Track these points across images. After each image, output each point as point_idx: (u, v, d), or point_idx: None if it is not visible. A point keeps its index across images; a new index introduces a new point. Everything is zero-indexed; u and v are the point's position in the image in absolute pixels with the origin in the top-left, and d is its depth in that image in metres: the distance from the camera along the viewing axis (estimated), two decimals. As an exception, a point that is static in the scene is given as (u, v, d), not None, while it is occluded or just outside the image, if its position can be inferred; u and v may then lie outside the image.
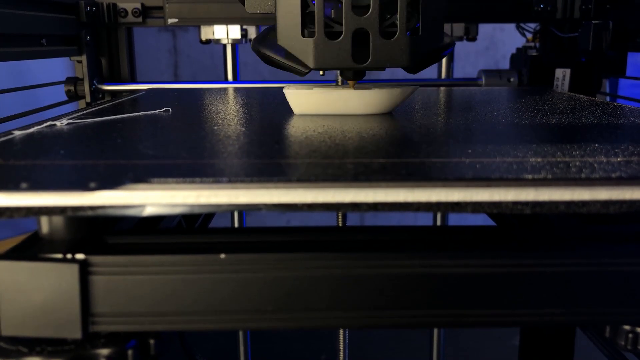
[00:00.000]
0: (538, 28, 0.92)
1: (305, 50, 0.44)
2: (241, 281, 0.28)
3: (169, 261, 0.27)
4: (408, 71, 0.46)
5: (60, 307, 0.27)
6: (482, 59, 1.59)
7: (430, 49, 0.45)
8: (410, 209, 0.27)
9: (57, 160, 0.31)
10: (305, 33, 0.43)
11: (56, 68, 1.07)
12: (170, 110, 0.49)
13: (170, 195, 0.26)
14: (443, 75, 0.91)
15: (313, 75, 0.60)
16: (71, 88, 0.82)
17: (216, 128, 0.41)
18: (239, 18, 0.82)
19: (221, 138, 0.37)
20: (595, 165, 0.29)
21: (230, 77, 0.89)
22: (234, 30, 0.84)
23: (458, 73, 0.92)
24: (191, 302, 0.28)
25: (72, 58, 0.82)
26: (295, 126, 0.42)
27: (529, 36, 0.93)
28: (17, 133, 0.38)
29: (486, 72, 0.88)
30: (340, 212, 0.58)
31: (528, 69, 0.87)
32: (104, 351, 0.28)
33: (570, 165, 0.29)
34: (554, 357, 0.72)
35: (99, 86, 0.84)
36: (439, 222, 0.94)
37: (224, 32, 0.84)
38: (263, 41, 0.48)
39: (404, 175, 0.28)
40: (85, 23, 0.80)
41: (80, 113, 0.47)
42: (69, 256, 0.27)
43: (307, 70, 0.45)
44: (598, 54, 0.84)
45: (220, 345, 1.02)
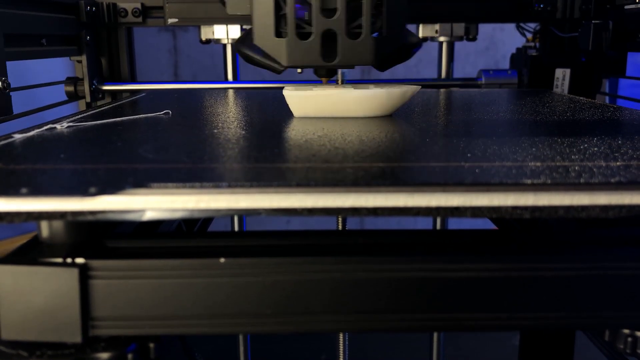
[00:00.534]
0: (538, 28, 0.92)
1: (278, 49, 0.47)
2: (241, 285, 0.28)
3: (169, 265, 0.27)
4: (376, 68, 0.49)
5: (60, 311, 0.27)
6: (482, 59, 1.59)
7: (395, 48, 0.48)
8: (409, 214, 0.27)
9: (58, 164, 0.31)
10: (278, 34, 0.46)
11: (56, 68, 1.07)
12: (170, 112, 0.49)
13: (170, 200, 0.26)
14: (443, 75, 0.91)
15: (312, 76, 0.60)
16: (71, 88, 0.82)
17: (216, 131, 0.41)
18: (239, 18, 0.82)
19: (221, 141, 0.37)
20: (594, 169, 0.29)
21: (230, 77, 0.89)
22: (234, 30, 0.84)
23: (458, 73, 0.92)
24: (191, 306, 0.28)
25: (72, 58, 0.82)
26: (295, 129, 0.42)
27: (529, 36, 0.93)
28: (18, 136, 0.38)
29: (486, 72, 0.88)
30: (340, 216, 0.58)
31: (528, 69, 0.87)
32: (104, 355, 0.28)
33: (569, 169, 0.29)
34: (554, 358, 0.72)
35: (99, 86, 0.84)
36: (439, 225, 0.94)
37: (224, 32, 0.84)
38: (244, 41, 0.51)
39: (404, 180, 0.28)
40: (85, 23, 0.80)
41: (80, 116, 0.47)
42: (69, 260, 0.27)
43: (282, 68, 0.48)
44: (598, 54, 0.84)
45: (220, 345, 1.02)
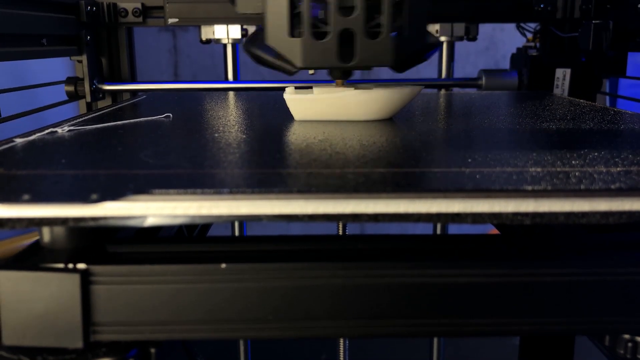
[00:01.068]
0: (538, 28, 0.92)
1: (292, 49, 0.45)
2: (242, 290, 0.28)
3: (170, 271, 0.28)
4: (394, 70, 0.47)
5: (61, 317, 0.27)
6: (482, 59, 1.59)
7: (414, 49, 0.46)
8: (410, 220, 0.27)
9: (59, 169, 0.31)
10: (293, 33, 0.44)
11: (56, 68, 1.07)
12: (170, 116, 0.49)
13: (171, 206, 0.26)
14: (443, 75, 0.91)
15: (316, 74, 0.60)
16: (71, 88, 0.82)
17: (217, 135, 0.41)
18: (239, 18, 0.82)
19: (222, 146, 0.37)
20: (594, 175, 0.29)
21: (230, 77, 0.88)
22: (234, 30, 0.84)
23: (458, 73, 0.92)
24: (192, 311, 0.28)
25: (73, 58, 0.82)
26: (295, 133, 0.42)
27: (529, 36, 0.93)
28: (19, 140, 0.38)
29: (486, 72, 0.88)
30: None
31: (528, 69, 0.87)
32: (105, 360, 0.28)
33: (570, 175, 0.29)
34: (554, 358, 0.72)
35: (99, 86, 0.84)
36: (439, 230, 0.94)
37: (224, 32, 0.84)
38: (254, 41, 0.49)
39: (404, 186, 0.28)
40: (85, 23, 0.80)
41: (81, 119, 0.47)
42: (70, 266, 0.27)
43: (296, 69, 0.46)
44: (598, 54, 0.84)
45: (220, 344, 1.02)
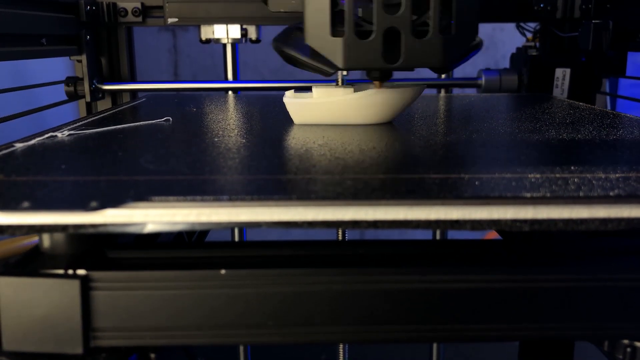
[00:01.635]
0: (538, 28, 0.92)
1: (334, 49, 0.43)
2: (241, 296, 0.28)
3: (170, 277, 0.28)
4: (438, 72, 0.44)
5: (61, 322, 0.27)
6: (482, 59, 1.59)
7: (463, 49, 0.44)
8: (409, 227, 0.27)
9: (59, 175, 0.31)
10: (334, 32, 0.42)
11: (56, 68, 1.07)
12: (170, 119, 0.49)
13: (171, 213, 0.26)
14: (443, 75, 0.90)
15: (312, 75, 0.59)
16: (71, 88, 0.82)
17: (216, 140, 0.41)
18: (239, 18, 0.82)
19: (222, 151, 0.37)
20: (593, 181, 0.29)
21: (230, 77, 0.88)
22: (234, 29, 0.84)
23: (458, 73, 0.92)
24: (192, 317, 0.28)
25: (72, 57, 0.82)
26: (295, 137, 0.42)
27: (529, 36, 0.93)
28: (18, 145, 0.38)
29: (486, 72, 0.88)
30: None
31: (528, 69, 0.87)
32: (105, 365, 0.28)
33: (568, 181, 0.29)
34: (554, 358, 0.72)
35: (99, 86, 0.83)
36: (439, 235, 0.94)
37: (224, 32, 0.84)
38: (286, 40, 0.47)
39: (404, 193, 0.28)
40: (85, 22, 0.80)
41: (81, 123, 0.47)
42: (70, 272, 0.27)
43: (334, 70, 0.44)
44: (598, 54, 0.84)
45: (220, 346, 1.02)
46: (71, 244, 0.29)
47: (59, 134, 0.40)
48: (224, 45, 0.87)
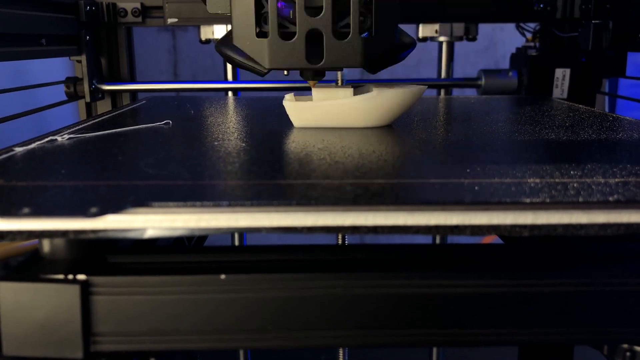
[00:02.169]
0: (538, 28, 0.92)
1: (260, 50, 0.44)
2: (241, 301, 0.28)
3: (170, 281, 0.28)
4: (367, 71, 0.46)
5: (61, 327, 0.27)
6: (482, 59, 1.59)
7: (386, 49, 0.45)
8: (409, 232, 0.27)
9: (59, 180, 0.31)
10: (260, 34, 0.44)
11: (56, 68, 1.07)
12: (170, 122, 0.49)
13: (171, 219, 0.26)
14: (443, 75, 0.91)
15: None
16: (71, 88, 0.82)
17: (216, 144, 0.41)
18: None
19: (221, 155, 0.37)
20: (592, 186, 0.29)
21: (229, 77, 0.88)
22: (234, 30, 0.83)
23: (458, 73, 0.92)
24: (192, 322, 0.28)
25: (72, 58, 0.82)
26: (295, 141, 0.42)
27: (529, 36, 0.93)
28: (18, 149, 0.38)
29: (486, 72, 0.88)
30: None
31: (528, 69, 0.87)
32: (106, 370, 0.28)
33: (568, 187, 0.29)
34: (554, 358, 0.72)
35: (99, 86, 0.84)
36: (439, 239, 0.94)
37: (224, 32, 0.84)
38: (225, 42, 0.48)
39: (403, 198, 0.28)
40: (85, 23, 0.80)
41: (80, 126, 0.47)
42: (70, 277, 0.27)
43: (267, 70, 0.45)
44: (598, 54, 0.84)
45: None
46: (71, 249, 0.29)
47: (59, 138, 0.40)
48: (224, 45, 0.87)
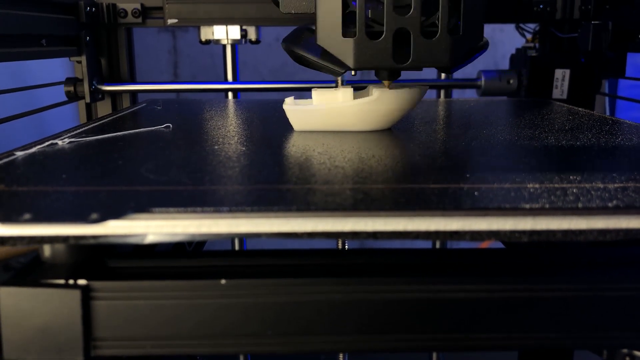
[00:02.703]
0: (538, 28, 0.92)
1: (345, 50, 0.44)
2: (241, 306, 0.28)
3: (171, 286, 0.28)
4: (445, 72, 0.46)
5: (62, 332, 0.27)
6: (482, 59, 1.58)
7: (469, 49, 0.46)
8: (409, 238, 0.27)
9: (60, 186, 0.31)
10: (345, 33, 0.44)
11: (56, 68, 1.07)
12: (170, 126, 0.49)
13: (171, 224, 0.26)
14: (443, 75, 0.91)
15: (312, 75, 0.59)
16: (71, 88, 0.82)
17: (217, 147, 0.41)
18: (239, 18, 0.82)
19: (222, 159, 0.37)
20: (592, 192, 0.29)
21: (230, 78, 0.88)
22: (234, 30, 0.84)
23: (458, 73, 0.92)
24: (192, 327, 0.28)
25: (72, 58, 0.82)
26: (295, 145, 0.42)
27: (529, 36, 0.93)
28: (19, 154, 0.38)
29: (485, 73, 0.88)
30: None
31: (528, 70, 0.87)
32: (106, 374, 0.28)
33: (567, 192, 0.29)
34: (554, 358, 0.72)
35: (99, 86, 0.83)
36: (439, 244, 0.93)
37: (224, 33, 0.84)
38: (296, 41, 0.48)
39: (403, 204, 0.28)
40: (85, 23, 0.80)
41: (81, 129, 0.47)
42: (71, 282, 0.27)
43: (344, 70, 0.45)
44: (597, 55, 0.84)
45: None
46: (72, 254, 0.29)
47: (60, 142, 0.40)
48: (224, 46, 0.87)
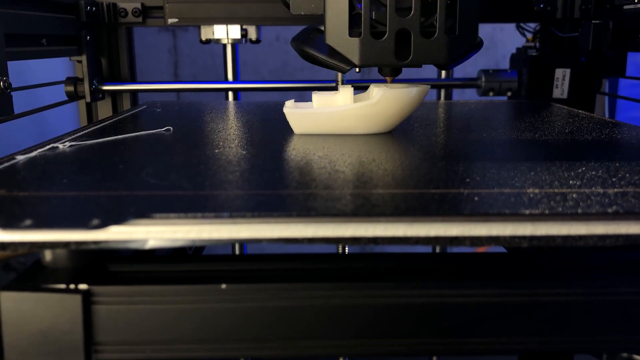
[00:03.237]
0: (538, 28, 0.92)
1: (351, 48, 0.48)
2: (242, 310, 0.28)
3: (171, 291, 0.28)
4: (442, 68, 0.50)
5: (63, 336, 0.27)
6: (482, 59, 1.58)
7: (465, 48, 0.49)
8: (409, 243, 0.27)
9: (60, 191, 0.31)
10: (351, 33, 0.47)
11: (56, 68, 1.07)
12: (171, 129, 0.49)
13: (172, 230, 0.26)
14: (443, 75, 0.91)
15: (311, 75, 0.59)
16: (71, 88, 0.82)
17: (217, 151, 0.41)
18: (239, 18, 0.82)
19: (222, 164, 0.37)
20: (591, 197, 0.29)
21: (230, 77, 0.88)
22: (234, 30, 0.84)
23: (458, 73, 0.92)
24: (193, 331, 0.28)
25: (72, 58, 0.82)
26: (295, 149, 0.42)
27: (529, 36, 0.93)
28: (20, 157, 0.38)
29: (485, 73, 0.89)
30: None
31: (528, 69, 0.87)
32: (107, 379, 0.28)
33: (567, 197, 0.29)
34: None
35: (99, 86, 0.84)
36: (438, 248, 0.93)
37: (224, 32, 0.84)
38: (305, 40, 0.52)
39: (403, 209, 0.28)
40: (85, 23, 0.80)
41: (81, 132, 0.47)
42: (72, 286, 0.27)
43: (350, 67, 0.49)
44: (598, 54, 0.84)
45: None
46: (72, 258, 0.29)
47: (60, 145, 0.40)
48: (224, 45, 0.87)
